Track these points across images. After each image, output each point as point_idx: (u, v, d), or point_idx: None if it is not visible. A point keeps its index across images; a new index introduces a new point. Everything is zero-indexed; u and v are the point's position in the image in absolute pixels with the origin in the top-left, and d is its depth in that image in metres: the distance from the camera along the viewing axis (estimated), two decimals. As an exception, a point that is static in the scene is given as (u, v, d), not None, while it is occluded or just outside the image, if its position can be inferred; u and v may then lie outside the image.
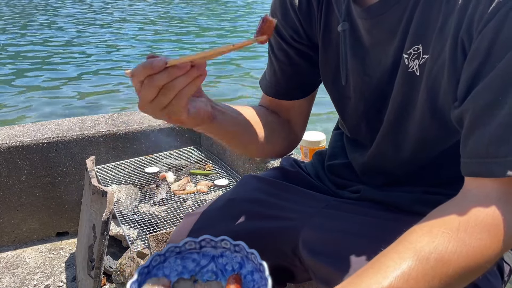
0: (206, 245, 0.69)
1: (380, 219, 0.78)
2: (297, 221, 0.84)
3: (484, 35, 0.59)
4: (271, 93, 0.96)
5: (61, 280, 1.96)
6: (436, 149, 0.77)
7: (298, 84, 0.94)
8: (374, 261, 0.60)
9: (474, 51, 0.61)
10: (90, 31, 9.70)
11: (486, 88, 0.60)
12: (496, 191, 0.60)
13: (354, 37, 0.80)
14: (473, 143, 0.61)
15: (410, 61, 0.72)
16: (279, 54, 0.92)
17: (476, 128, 0.61)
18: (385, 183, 0.86)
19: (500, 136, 0.59)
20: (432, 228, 0.60)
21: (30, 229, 2.20)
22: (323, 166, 1.00)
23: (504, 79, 0.58)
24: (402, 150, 0.80)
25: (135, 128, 2.21)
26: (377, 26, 0.75)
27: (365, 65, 0.80)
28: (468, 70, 0.62)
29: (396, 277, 0.56)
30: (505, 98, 0.58)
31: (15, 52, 7.82)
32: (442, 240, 0.58)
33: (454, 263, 0.57)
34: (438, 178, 0.80)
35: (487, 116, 0.60)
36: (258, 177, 0.98)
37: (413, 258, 0.57)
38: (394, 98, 0.76)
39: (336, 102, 0.92)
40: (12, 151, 2.04)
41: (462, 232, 0.58)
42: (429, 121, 0.73)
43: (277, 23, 0.88)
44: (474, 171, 0.62)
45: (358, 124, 0.88)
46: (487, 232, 0.58)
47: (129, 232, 1.67)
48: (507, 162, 0.58)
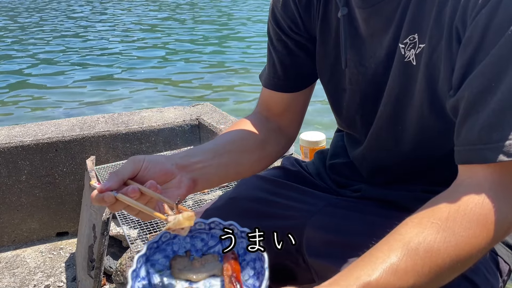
0: (215, 227, 0.70)
1: (382, 218, 0.78)
2: (299, 220, 0.85)
3: (477, 22, 0.59)
4: (270, 85, 0.96)
5: (61, 280, 1.96)
6: (435, 144, 0.77)
7: (296, 75, 0.94)
8: (366, 254, 0.60)
9: (468, 39, 0.61)
10: (90, 31, 9.71)
11: (479, 75, 0.60)
12: (488, 181, 0.60)
13: (352, 27, 0.80)
14: (466, 130, 0.61)
15: (406, 51, 0.72)
16: (278, 45, 0.92)
17: (469, 115, 0.61)
18: (386, 181, 0.87)
19: (493, 122, 0.59)
20: (422, 220, 0.60)
21: (30, 229, 2.20)
22: (324, 165, 1.00)
23: (497, 65, 0.58)
24: (401, 144, 0.80)
25: (135, 128, 2.21)
26: (373, 15, 0.76)
27: (361, 55, 0.80)
28: (462, 57, 0.62)
29: (385, 269, 0.56)
30: (498, 84, 0.58)
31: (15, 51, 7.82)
32: (431, 231, 0.58)
33: (443, 252, 0.57)
34: (439, 177, 0.80)
35: (480, 103, 0.60)
36: (259, 176, 0.98)
37: (402, 249, 0.57)
38: (391, 89, 0.76)
39: (331, 95, 0.92)
40: (12, 151, 2.04)
41: (451, 221, 0.58)
42: (427, 112, 0.73)
43: (277, 14, 0.89)
44: (466, 158, 0.62)
45: (353, 117, 0.88)
46: (476, 221, 0.58)
47: (129, 232, 1.67)
48: (499, 147, 0.58)
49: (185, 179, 0.77)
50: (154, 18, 11.61)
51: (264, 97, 0.99)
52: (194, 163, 0.80)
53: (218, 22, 11.08)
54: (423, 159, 0.80)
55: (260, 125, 0.95)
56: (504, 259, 0.80)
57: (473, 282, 0.70)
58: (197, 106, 2.49)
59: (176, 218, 0.64)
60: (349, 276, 0.57)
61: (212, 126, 2.19)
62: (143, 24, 10.66)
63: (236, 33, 9.49)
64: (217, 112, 2.37)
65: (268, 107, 0.98)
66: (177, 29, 10.06)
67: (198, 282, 0.66)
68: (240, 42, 8.43)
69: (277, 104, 0.97)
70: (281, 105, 0.96)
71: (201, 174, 0.80)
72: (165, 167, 0.75)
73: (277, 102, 0.96)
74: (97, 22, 11.00)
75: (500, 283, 0.78)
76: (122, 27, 10.23)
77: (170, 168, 0.75)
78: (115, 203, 0.68)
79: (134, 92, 5.49)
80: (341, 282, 0.56)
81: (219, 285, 0.66)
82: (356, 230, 0.77)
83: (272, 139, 0.95)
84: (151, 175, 0.72)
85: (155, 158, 0.75)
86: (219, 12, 12.75)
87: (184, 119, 2.30)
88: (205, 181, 0.81)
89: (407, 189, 0.83)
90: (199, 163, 0.80)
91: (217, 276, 0.67)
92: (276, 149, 0.96)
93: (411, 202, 0.80)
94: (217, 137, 0.92)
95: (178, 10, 13.31)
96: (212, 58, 7.19)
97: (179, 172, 0.76)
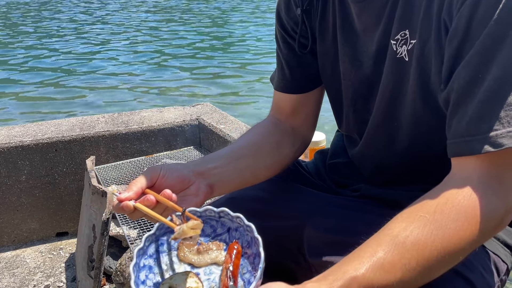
0: (224, 216, 0.71)
1: (382, 217, 0.79)
2: (299, 220, 0.85)
3: (462, 14, 0.60)
4: (280, 88, 0.97)
5: (61, 280, 1.97)
6: (431, 140, 0.77)
7: (304, 76, 0.95)
8: (355, 249, 0.61)
9: (454, 30, 0.61)
10: (89, 30, 9.71)
11: (466, 67, 0.60)
12: (478, 174, 0.60)
13: (347, 22, 0.81)
14: (456, 123, 0.62)
15: (398, 47, 0.72)
16: (284, 47, 0.94)
17: (458, 107, 0.61)
18: (385, 181, 0.87)
19: (480, 113, 0.59)
20: (410, 214, 0.61)
21: (30, 229, 2.20)
22: (324, 164, 1.01)
23: (482, 56, 0.58)
24: (397, 141, 0.80)
25: (135, 128, 2.21)
26: (365, 10, 0.76)
27: (356, 49, 0.81)
28: (449, 50, 0.62)
29: (372, 263, 0.57)
30: (484, 75, 0.58)
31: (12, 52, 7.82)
32: (418, 224, 0.58)
33: (431, 245, 0.57)
34: (438, 175, 0.81)
35: (468, 95, 0.60)
36: None
37: (390, 243, 0.58)
38: (385, 86, 0.77)
39: (331, 93, 0.93)
40: (12, 151, 2.05)
41: (439, 214, 0.58)
42: (421, 107, 0.73)
43: (282, 17, 0.90)
44: (456, 151, 0.62)
45: (347, 113, 0.89)
46: (464, 213, 0.58)
47: (129, 232, 1.67)
48: (486, 138, 0.58)
49: (202, 185, 0.79)
50: (154, 19, 11.61)
51: (276, 100, 1.00)
52: (210, 169, 0.82)
53: (218, 22, 11.08)
54: (420, 156, 0.80)
55: (274, 128, 0.96)
56: (501, 258, 0.81)
57: (469, 280, 0.71)
58: (197, 106, 2.49)
59: (180, 228, 0.66)
60: (337, 271, 0.58)
61: (212, 126, 2.20)
62: (144, 25, 10.65)
63: (236, 33, 9.49)
64: (217, 112, 2.38)
65: (280, 109, 0.99)
66: (177, 29, 10.06)
67: (200, 268, 0.68)
68: (240, 42, 8.44)
69: (288, 106, 0.98)
70: (292, 107, 0.97)
71: (217, 180, 0.82)
72: (182, 174, 0.77)
73: (288, 104, 0.98)
74: (96, 22, 11.00)
75: (497, 282, 0.78)
76: (123, 27, 10.23)
77: (187, 175, 0.78)
78: (133, 212, 0.71)
79: (134, 92, 5.49)
80: (329, 277, 0.57)
81: (218, 274, 0.68)
82: (356, 229, 0.77)
83: (287, 141, 0.96)
84: (169, 182, 0.75)
85: (172, 166, 0.77)
86: (218, 12, 12.75)
87: (184, 119, 2.30)
88: (221, 186, 0.83)
89: (407, 188, 0.83)
90: (215, 168, 0.82)
91: (219, 265, 0.68)
92: (292, 150, 0.97)
93: (411, 201, 0.81)
94: (232, 142, 0.93)
95: (178, 10, 13.31)
96: (212, 58, 7.19)
97: (196, 178, 0.79)
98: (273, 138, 0.94)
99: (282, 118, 0.98)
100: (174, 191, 0.73)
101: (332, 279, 0.57)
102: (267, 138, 0.94)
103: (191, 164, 0.81)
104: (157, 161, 2.18)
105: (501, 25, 0.57)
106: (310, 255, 0.80)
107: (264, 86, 5.58)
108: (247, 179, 0.89)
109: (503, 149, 0.58)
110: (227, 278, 0.63)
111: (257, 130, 0.97)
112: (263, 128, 0.97)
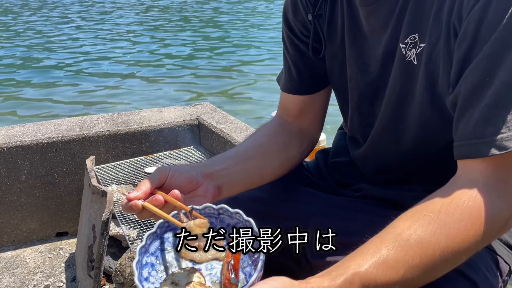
0: (223, 213, 0.72)
1: (384, 217, 0.79)
2: (300, 220, 0.85)
3: (471, 18, 0.60)
4: (287, 89, 0.97)
5: (60, 280, 1.96)
6: (437, 143, 0.77)
7: (311, 78, 0.95)
8: (359, 247, 0.61)
9: (463, 35, 0.62)
10: (89, 30, 9.70)
11: (473, 71, 0.60)
12: (483, 175, 0.60)
13: (354, 24, 0.81)
14: (462, 126, 0.62)
15: (407, 51, 0.72)
16: (291, 49, 0.94)
17: (465, 110, 0.62)
18: (387, 181, 0.87)
19: (487, 116, 0.59)
20: (415, 213, 0.61)
21: (30, 229, 2.19)
22: (326, 163, 1.01)
23: (490, 60, 0.59)
24: (402, 143, 0.80)
25: (135, 128, 2.21)
26: (373, 13, 0.77)
27: (363, 52, 0.81)
28: (458, 54, 0.63)
29: (375, 260, 0.57)
30: (492, 79, 0.59)
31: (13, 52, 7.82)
32: (422, 222, 0.59)
33: (434, 244, 0.57)
34: (440, 177, 0.80)
35: (475, 98, 0.60)
36: None
37: (393, 241, 0.58)
38: (392, 89, 0.77)
39: (339, 94, 0.93)
40: (12, 151, 2.04)
41: (443, 213, 0.58)
42: (429, 111, 0.73)
43: (289, 19, 0.90)
44: (462, 153, 0.62)
45: (352, 116, 0.89)
46: (468, 214, 0.58)
47: (129, 232, 1.67)
48: (492, 141, 0.59)
49: (210, 187, 0.80)
50: (154, 18, 11.60)
51: (283, 101, 1.00)
52: (218, 171, 0.83)
53: (218, 22, 11.08)
54: (424, 158, 0.81)
55: (280, 129, 0.97)
56: (504, 259, 0.80)
57: (472, 281, 0.70)
58: (197, 106, 2.49)
59: (187, 225, 0.67)
60: (340, 267, 0.58)
61: (212, 126, 2.19)
62: (143, 25, 10.65)
63: (236, 34, 9.49)
64: (217, 112, 2.37)
65: (287, 110, 0.99)
66: (177, 29, 10.06)
67: (201, 263, 0.69)
68: (240, 42, 8.44)
69: (295, 107, 0.98)
70: (299, 108, 0.97)
71: (225, 181, 0.82)
72: (190, 175, 0.78)
73: (295, 105, 0.98)
74: (96, 21, 11.00)
75: (500, 283, 0.78)
76: (122, 27, 10.22)
77: (195, 176, 0.79)
78: (142, 211, 0.72)
79: (134, 92, 5.49)
80: (332, 273, 0.58)
81: (219, 269, 0.69)
82: (358, 230, 0.77)
83: (294, 142, 0.96)
84: (177, 183, 0.76)
85: (180, 168, 0.79)
86: (218, 12, 12.75)
87: (184, 119, 2.30)
88: (229, 187, 0.83)
89: (409, 188, 0.83)
90: (223, 170, 0.83)
91: (220, 260, 0.69)
92: (299, 151, 0.97)
93: (412, 201, 0.81)
94: (239, 144, 0.94)
95: (178, 10, 13.31)
96: (212, 58, 7.19)
97: (204, 180, 0.80)
98: (280, 139, 0.94)
99: (289, 119, 0.99)
100: (182, 192, 0.74)
101: (335, 274, 0.57)
102: (274, 139, 0.94)
103: (199, 166, 0.82)
104: (157, 161, 2.17)
105: (510, 30, 0.58)
106: (312, 255, 0.80)
107: (264, 86, 5.58)
108: (254, 180, 0.90)
109: (509, 152, 0.58)
110: (228, 272, 0.63)
111: (264, 131, 0.97)
112: (269, 129, 0.98)
